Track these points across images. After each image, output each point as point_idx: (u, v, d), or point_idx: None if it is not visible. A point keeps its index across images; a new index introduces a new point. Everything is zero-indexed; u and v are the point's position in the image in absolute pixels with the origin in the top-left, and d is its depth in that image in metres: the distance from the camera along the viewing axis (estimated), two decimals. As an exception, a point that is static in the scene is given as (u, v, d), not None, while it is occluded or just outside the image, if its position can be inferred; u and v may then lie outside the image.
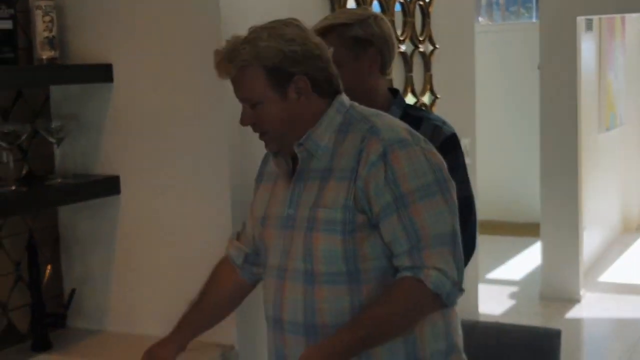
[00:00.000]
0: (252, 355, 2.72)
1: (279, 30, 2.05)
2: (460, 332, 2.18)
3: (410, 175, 2.00)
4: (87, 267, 2.93)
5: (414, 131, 2.10)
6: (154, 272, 2.81)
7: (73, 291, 2.76)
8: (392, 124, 2.11)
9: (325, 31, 2.42)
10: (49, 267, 2.79)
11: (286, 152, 2.15)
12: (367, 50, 2.46)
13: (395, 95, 2.62)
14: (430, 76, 3.99)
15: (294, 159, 2.14)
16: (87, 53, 2.78)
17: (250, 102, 2.09)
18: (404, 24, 3.75)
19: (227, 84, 2.16)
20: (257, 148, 2.26)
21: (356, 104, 2.16)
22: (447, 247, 2.01)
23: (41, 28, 2.61)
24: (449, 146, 2.46)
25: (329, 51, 2.12)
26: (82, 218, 2.91)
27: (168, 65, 2.71)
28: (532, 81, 8.04)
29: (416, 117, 2.48)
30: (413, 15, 3.81)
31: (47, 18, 2.62)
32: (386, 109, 2.44)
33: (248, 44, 2.03)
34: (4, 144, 2.50)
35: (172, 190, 2.75)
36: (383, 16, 2.53)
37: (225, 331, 2.61)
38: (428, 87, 3.97)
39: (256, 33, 2.05)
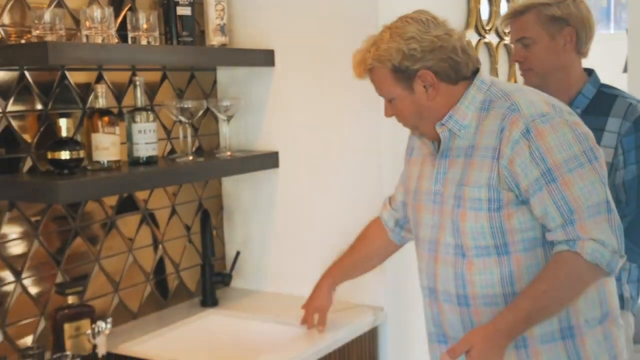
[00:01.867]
0: (398, 315, 2.78)
1: (400, 29, 2.02)
2: (616, 298, 2.09)
3: (556, 149, 1.92)
4: (247, 233, 3.03)
5: (557, 103, 2.02)
6: (307, 238, 2.88)
7: (238, 254, 2.87)
8: (532, 99, 2.02)
9: (524, 9, 2.43)
10: (214, 232, 2.91)
11: (429, 137, 2.13)
12: (562, 29, 2.41)
13: (590, 74, 2.52)
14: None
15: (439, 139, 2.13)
16: (251, 40, 2.88)
17: (385, 98, 2.11)
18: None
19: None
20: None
21: (498, 80, 2.13)
22: (601, 216, 1.91)
23: (213, 16, 2.74)
24: None
25: (458, 39, 2.05)
26: (244, 189, 3.01)
27: (324, 51, 2.76)
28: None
29: (610, 95, 2.42)
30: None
31: (219, 7, 2.74)
32: (580, 87, 2.42)
33: (373, 46, 2.04)
34: (182, 119, 2.61)
35: (325, 165, 2.82)
36: None
37: (376, 295, 2.72)
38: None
39: (381, 35, 2.05)
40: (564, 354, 2.01)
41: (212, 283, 2.81)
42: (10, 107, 2.29)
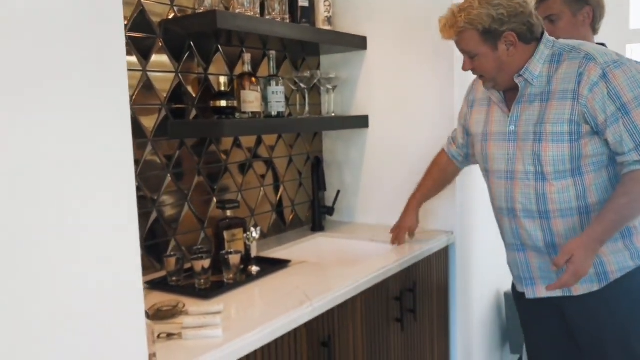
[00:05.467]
0: (463, 237, 2.96)
1: None
2: None
3: (628, 88, 1.92)
4: (341, 179, 3.23)
5: (616, 52, 2.03)
6: (388, 183, 3.06)
7: (338, 192, 3.10)
8: (600, 49, 2.01)
9: None
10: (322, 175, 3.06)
11: (501, 87, 2.13)
12: (583, 8, 2.49)
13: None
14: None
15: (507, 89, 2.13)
16: (348, 29, 3.07)
17: (469, 55, 2.09)
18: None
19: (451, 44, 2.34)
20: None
21: (558, 39, 2.13)
22: None
23: (322, 10, 2.96)
24: None
25: (531, 6, 2.05)
26: (340, 145, 3.21)
27: (404, 39, 2.94)
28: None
29: None
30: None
31: (327, 3, 2.97)
32: None
33: (463, 12, 2.02)
34: (302, 85, 2.82)
35: (403, 127, 2.99)
36: None
37: (448, 222, 2.89)
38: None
39: (470, 2, 2.03)
40: (624, 248, 2.09)
41: (320, 213, 3.02)
42: (181, 69, 2.45)
